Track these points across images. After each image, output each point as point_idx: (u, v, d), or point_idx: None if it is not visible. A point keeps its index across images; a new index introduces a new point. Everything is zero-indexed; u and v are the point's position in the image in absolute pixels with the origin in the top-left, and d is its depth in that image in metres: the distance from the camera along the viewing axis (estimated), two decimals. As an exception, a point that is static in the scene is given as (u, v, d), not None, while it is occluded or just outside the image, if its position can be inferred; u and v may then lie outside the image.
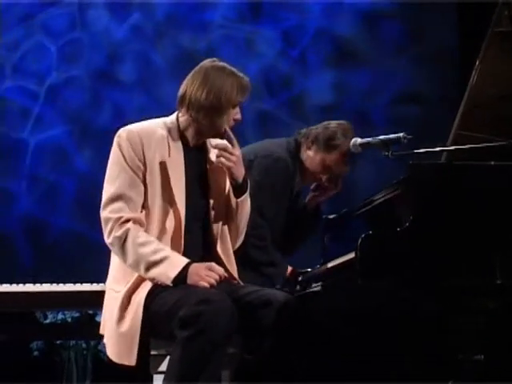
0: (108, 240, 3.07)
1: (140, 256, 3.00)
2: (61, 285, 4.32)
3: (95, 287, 4.26)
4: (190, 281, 2.97)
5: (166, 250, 3.02)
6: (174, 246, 3.08)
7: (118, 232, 3.02)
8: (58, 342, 5.57)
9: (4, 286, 4.30)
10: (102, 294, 3.22)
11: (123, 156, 3.08)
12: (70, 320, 5.41)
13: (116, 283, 3.10)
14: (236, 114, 3.15)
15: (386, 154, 3.27)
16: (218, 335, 2.80)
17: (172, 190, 3.09)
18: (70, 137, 6.17)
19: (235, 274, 3.26)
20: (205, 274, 2.97)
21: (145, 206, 3.09)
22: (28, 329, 4.98)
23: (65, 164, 6.16)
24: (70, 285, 4.32)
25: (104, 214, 3.07)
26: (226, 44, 6.25)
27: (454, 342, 3.14)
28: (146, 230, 3.07)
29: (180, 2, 6.36)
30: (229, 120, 3.13)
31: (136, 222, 3.05)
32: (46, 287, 4.30)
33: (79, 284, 4.32)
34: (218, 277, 2.99)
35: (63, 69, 6.28)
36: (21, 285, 4.30)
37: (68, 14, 6.32)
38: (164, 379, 2.90)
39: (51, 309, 5.19)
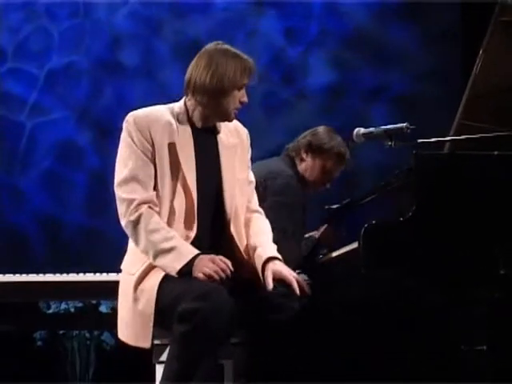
0: (122, 223, 3.08)
1: (149, 243, 3.00)
2: (64, 275, 4.32)
3: (98, 277, 4.25)
4: (194, 273, 2.96)
5: (176, 240, 3.00)
6: (187, 228, 3.07)
7: (132, 217, 3.03)
8: (61, 332, 5.57)
9: (7, 275, 4.31)
10: (105, 284, 3.23)
11: (132, 140, 3.08)
12: (73, 310, 5.41)
13: (131, 266, 3.10)
14: (242, 96, 3.14)
15: (389, 144, 3.26)
16: (214, 333, 2.79)
17: (183, 171, 3.08)
18: (72, 122, 6.15)
19: None
20: (205, 267, 2.94)
21: (155, 188, 3.08)
22: (31, 319, 4.99)
23: (65, 149, 6.12)
24: (73, 275, 4.32)
25: (118, 194, 3.08)
26: (230, 31, 6.21)
27: (456, 332, 3.14)
28: (158, 213, 3.05)
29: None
30: (234, 102, 3.12)
31: (150, 204, 3.04)
32: (50, 277, 4.30)
33: (82, 274, 4.33)
34: (218, 269, 2.95)
35: (65, 54, 6.25)
36: (24, 275, 4.30)
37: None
38: (162, 375, 2.91)
39: (54, 299, 5.21)
